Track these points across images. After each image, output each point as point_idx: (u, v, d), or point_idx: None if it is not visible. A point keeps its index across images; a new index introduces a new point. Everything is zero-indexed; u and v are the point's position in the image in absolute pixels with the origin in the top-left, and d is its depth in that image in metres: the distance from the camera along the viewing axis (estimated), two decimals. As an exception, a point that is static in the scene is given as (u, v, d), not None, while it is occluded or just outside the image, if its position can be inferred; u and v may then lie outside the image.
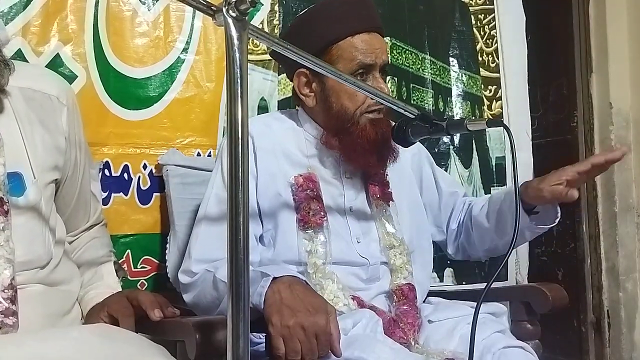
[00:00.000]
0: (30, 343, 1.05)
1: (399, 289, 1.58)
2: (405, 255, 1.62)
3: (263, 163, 1.60)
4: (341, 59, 1.58)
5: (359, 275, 1.58)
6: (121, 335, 1.18)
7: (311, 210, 1.55)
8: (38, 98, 1.32)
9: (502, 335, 1.50)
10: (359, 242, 1.61)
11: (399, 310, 1.55)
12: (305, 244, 1.54)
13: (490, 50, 2.87)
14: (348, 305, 1.51)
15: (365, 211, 1.65)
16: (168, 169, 1.86)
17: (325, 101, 1.61)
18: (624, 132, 3.34)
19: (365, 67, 1.58)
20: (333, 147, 1.62)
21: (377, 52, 1.59)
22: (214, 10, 0.89)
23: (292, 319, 1.24)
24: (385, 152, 1.62)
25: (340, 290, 1.52)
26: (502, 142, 2.83)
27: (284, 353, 1.24)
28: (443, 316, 1.58)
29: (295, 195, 1.58)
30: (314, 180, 1.59)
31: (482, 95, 2.82)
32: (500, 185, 2.82)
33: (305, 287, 1.34)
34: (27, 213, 1.24)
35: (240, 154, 0.86)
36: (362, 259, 1.59)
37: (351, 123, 1.59)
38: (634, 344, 3.28)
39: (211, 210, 1.56)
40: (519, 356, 1.46)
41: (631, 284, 3.31)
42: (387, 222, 1.64)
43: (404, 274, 1.60)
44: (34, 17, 1.76)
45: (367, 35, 1.60)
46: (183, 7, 1.99)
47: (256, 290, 1.31)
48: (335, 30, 1.59)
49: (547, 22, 3.55)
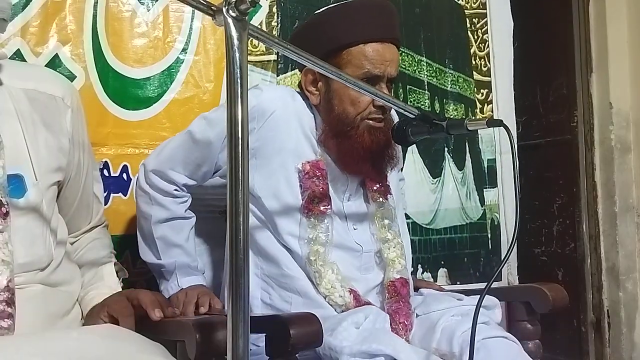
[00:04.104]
0: (30, 344, 1.04)
1: (392, 284, 1.59)
2: (399, 249, 1.64)
3: (274, 129, 1.58)
4: (350, 65, 1.57)
5: (353, 263, 1.59)
6: (121, 335, 1.17)
7: (316, 199, 1.56)
8: (43, 99, 1.32)
9: (485, 326, 1.49)
10: (355, 229, 1.63)
11: (392, 307, 1.56)
12: (308, 231, 1.56)
13: (483, 54, 2.89)
14: (343, 297, 1.52)
15: (362, 201, 1.67)
16: (167, 169, 1.85)
17: (328, 102, 1.61)
18: (624, 132, 3.34)
19: (372, 78, 1.57)
20: (329, 148, 1.62)
21: (386, 63, 1.58)
22: (214, 10, 0.88)
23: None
24: (381, 160, 1.62)
25: (338, 282, 1.53)
26: (492, 144, 2.85)
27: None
28: (430, 309, 1.59)
29: (301, 182, 1.58)
30: (321, 168, 1.59)
31: (475, 99, 2.84)
32: (492, 187, 2.84)
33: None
34: (28, 214, 1.24)
35: (241, 154, 0.85)
36: (356, 245, 1.61)
37: (351, 127, 1.58)
38: (634, 344, 3.28)
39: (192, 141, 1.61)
40: (500, 346, 1.45)
41: (631, 284, 3.31)
42: (384, 216, 1.65)
43: (397, 268, 1.61)
44: (33, 18, 1.76)
45: (380, 45, 1.58)
46: (182, 8, 1.99)
47: (167, 285, 1.61)
48: (348, 35, 1.57)
49: (547, 21, 3.55)
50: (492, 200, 2.85)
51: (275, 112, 1.58)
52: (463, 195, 2.75)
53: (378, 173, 1.65)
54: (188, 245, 1.64)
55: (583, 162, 3.48)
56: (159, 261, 1.62)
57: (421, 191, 2.59)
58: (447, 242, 2.69)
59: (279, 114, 1.58)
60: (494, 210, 2.85)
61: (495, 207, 2.86)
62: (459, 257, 2.73)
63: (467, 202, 2.76)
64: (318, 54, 1.57)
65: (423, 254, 2.56)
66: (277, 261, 1.58)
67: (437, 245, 2.65)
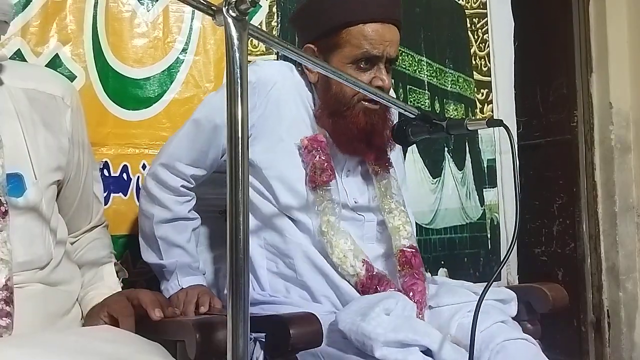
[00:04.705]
0: (29, 345, 1.04)
1: (402, 253, 1.58)
2: (405, 216, 1.64)
3: (275, 102, 1.59)
4: (348, 44, 1.56)
5: (355, 233, 1.59)
6: (120, 335, 1.18)
7: (318, 170, 1.57)
8: (43, 99, 1.32)
9: (504, 326, 1.46)
10: (356, 202, 1.64)
11: (406, 283, 1.55)
12: (317, 203, 1.55)
13: (483, 54, 2.89)
14: (354, 266, 1.52)
15: (362, 176, 1.67)
16: (168, 169, 1.85)
17: (326, 81, 1.61)
18: (624, 132, 3.34)
19: (371, 58, 1.57)
20: (324, 126, 1.63)
21: (385, 44, 1.57)
22: (214, 10, 0.88)
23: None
24: (376, 141, 1.62)
25: (350, 251, 1.53)
26: (492, 144, 2.85)
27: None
28: (443, 302, 1.56)
29: (302, 158, 1.59)
30: (319, 140, 1.60)
31: (475, 99, 2.84)
32: (492, 187, 2.84)
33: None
34: (27, 214, 1.24)
35: (241, 154, 0.85)
36: (358, 215, 1.62)
37: (346, 107, 1.58)
38: (634, 344, 3.28)
39: (198, 127, 1.62)
40: (521, 349, 1.41)
41: (631, 284, 3.32)
42: (386, 187, 1.66)
43: (404, 234, 1.61)
44: (33, 18, 1.75)
45: (380, 26, 1.56)
46: (182, 8, 1.99)
47: (167, 285, 1.61)
48: (348, 14, 1.56)
49: (547, 22, 3.55)
50: (491, 200, 2.85)
51: (276, 84, 1.59)
52: (463, 195, 2.75)
53: (374, 153, 1.65)
54: (189, 246, 1.64)
55: (583, 162, 3.48)
56: (160, 261, 1.62)
57: (421, 191, 2.59)
58: (447, 242, 2.69)
59: (279, 86, 1.59)
60: (493, 210, 2.86)
61: (495, 207, 2.86)
62: (458, 257, 2.74)
63: (467, 202, 2.76)
64: (318, 31, 1.59)
65: (423, 254, 2.53)
66: (279, 229, 1.58)
67: (437, 245, 2.65)
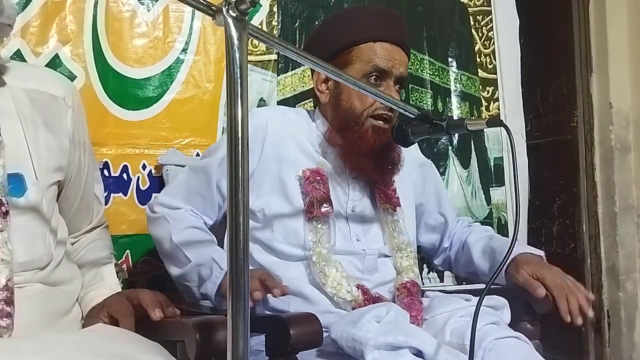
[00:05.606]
0: (29, 345, 1.04)
1: (403, 285, 1.61)
2: (412, 258, 1.66)
3: (271, 146, 1.61)
4: (359, 60, 1.60)
5: (355, 265, 1.60)
6: (120, 335, 1.18)
7: (317, 202, 1.57)
8: (44, 99, 1.32)
9: (495, 327, 1.47)
10: (359, 240, 1.63)
11: (404, 301, 1.57)
12: (311, 235, 1.56)
13: (488, 51, 2.88)
14: (351, 292, 1.53)
15: (368, 213, 1.67)
16: (168, 168, 1.86)
17: (336, 98, 1.63)
18: (624, 132, 3.34)
19: (380, 72, 1.59)
20: (335, 143, 1.64)
21: (395, 61, 1.61)
22: (214, 10, 0.88)
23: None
24: (384, 161, 1.63)
25: (343, 279, 1.54)
26: (500, 142, 2.84)
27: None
28: (436, 312, 1.58)
29: (302, 188, 1.59)
30: (321, 174, 1.61)
31: (480, 96, 2.82)
32: (499, 185, 2.82)
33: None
34: (28, 214, 1.24)
35: (240, 154, 0.85)
36: (360, 250, 1.62)
37: (356, 122, 1.60)
38: (634, 344, 3.28)
39: (191, 170, 1.66)
40: (513, 346, 1.43)
41: (631, 284, 3.32)
42: (394, 226, 1.67)
43: (410, 275, 1.63)
44: (33, 18, 1.76)
45: (389, 45, 1.61)
46: (182, 8, 2.00)
47: (210, 279, 1.47)
48: (358, 33, 1.61)
49: (547, 21, 3.55)
50: (499, 199, 2.83)
51: (268, 127, 1.62)
52: (468, 194, 2.74)
53: (381, 173, 1.65)
54: (214, 239, 1.61)
55: (583, 162, 3.48)
56: (190, 263, 1.53)
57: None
58: (453, 242, 2.68)
59: (272, 129, 1.62)
60: (500, 209, 2.83)
61: (502, 206, 2.83)
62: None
63: (473, 201, 2.75)
64: (329, 51, 1.61)
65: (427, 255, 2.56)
66: (271, 268, 1.58)
67: (442, 246, 2.64)
